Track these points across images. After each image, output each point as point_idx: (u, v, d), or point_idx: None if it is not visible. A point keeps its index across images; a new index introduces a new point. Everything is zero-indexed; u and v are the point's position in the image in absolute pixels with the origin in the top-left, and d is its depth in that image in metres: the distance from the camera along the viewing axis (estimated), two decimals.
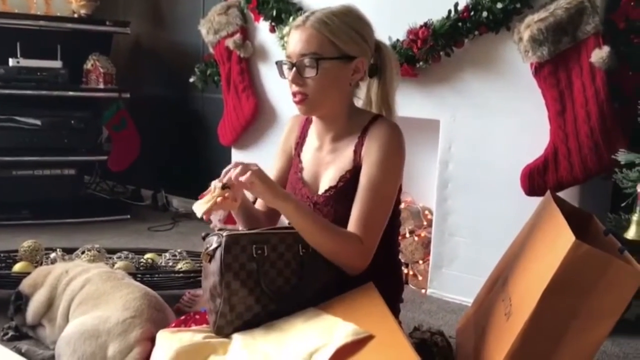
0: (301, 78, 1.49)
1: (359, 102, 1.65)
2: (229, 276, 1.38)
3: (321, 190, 1.59)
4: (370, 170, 1.49)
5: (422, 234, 2.60)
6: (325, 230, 1.45)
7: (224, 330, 1.42)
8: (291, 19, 2.65)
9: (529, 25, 2.03)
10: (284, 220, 1.54)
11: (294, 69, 1.49)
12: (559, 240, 1.38)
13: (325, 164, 1.60)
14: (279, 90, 2.86)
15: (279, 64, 1.54)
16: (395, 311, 1.67)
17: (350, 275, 1.48)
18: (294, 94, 1.53)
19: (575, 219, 1.49)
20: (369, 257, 1.48)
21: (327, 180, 1.58)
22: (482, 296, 1.88)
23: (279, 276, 1.43)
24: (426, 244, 2.58)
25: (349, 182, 1.53)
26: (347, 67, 1.50)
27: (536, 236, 1.62)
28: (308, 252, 1.45)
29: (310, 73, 1.47)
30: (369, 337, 1.25)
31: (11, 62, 3.21)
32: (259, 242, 1.42)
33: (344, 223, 1.48)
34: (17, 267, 2.14)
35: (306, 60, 1.47)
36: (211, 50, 3.06)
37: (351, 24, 1.50)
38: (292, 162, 1.70)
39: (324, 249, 1.46)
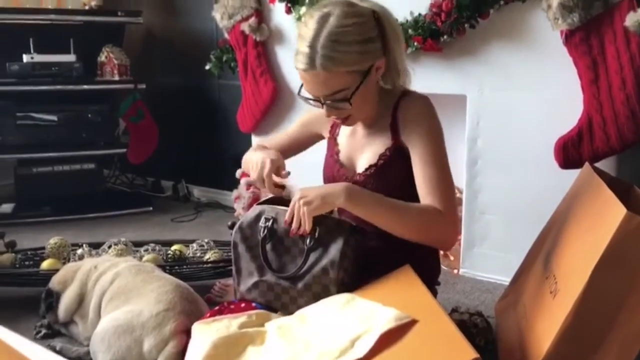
0: (336, 111, 1.47)
1: None
2: (237, 238, 1.49)
3: (360, 170, 1.58)
4: (418, 144, 1.47)
5: None
6: (406, 212, 1.41)
7: (237, 293, 1.51)
8: None
9: None
10: None
11: (325, 106, 1.46)
12: (608, 213, 1.32)
13: (360, 147, 1.60)
14: (297, 73, 2.79)
15: (302, 97, 1.49)
16: (433, 294, 1.64)
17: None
18: (334, 119, 1.53)
19: (616, 189, 1.43)
20: (455, 226, 1.47)
21: (365, 161, 1.57)
22: (521, 274, 1.84)
23: (285, 253, 1.45)
24: None
25: (389, 159, 1.52)
26: (372, 76, 1.46)
27: (579, 210, 1.56)
28: (314, 236, 1.42)
29: (344, 106, 1.45)
30: (413, 322, 1.21)
31: (25, 58, 3.17)
32: (273, 215, 1.47)
33: None
34: (45, 264, 2.13)
35: (335, 98, 1.43)
36: (226, 35, 3.01)
37: (356, 38, 1.39)
38: (327, 145, 1.71)
39: (409, 231, 1.42)
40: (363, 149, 1.59)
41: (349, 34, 1.38)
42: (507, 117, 2.26)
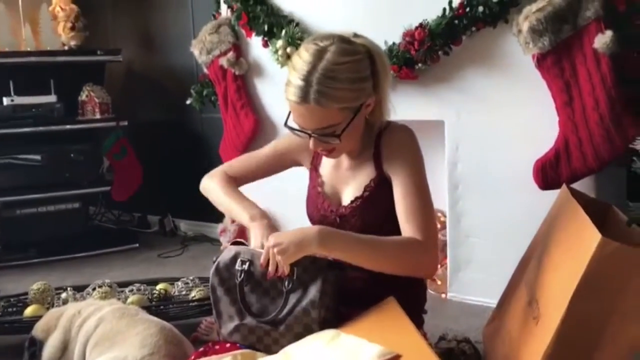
0: (323, 144, 1.46)
1: None
2: (215, 281, 1.45)
3: (346, 202, 1.56)
4: (400, 173, 1.47)
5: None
6: (383, 247, 1.40)
7: (219, 335, 1.47)
8: (283, 32, 2.61)
9: (528, 16, 1.98)
10: None
11: (312, 138, 1.45)
12: (583, 238, 1.33)
13: (344, 179, 1.59)
14: (277, 105, 2.82)
15: (289, 127, 1.48)
16: (420, 322, 1.63)
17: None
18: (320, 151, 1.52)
19: (594, 210, 1.45)
20: (434, 254, 1.44)
21: (350, 193, 1.56)
22: (505, 299, 1.83)
23: (264, 295, 1.43)
24: (441, 248, 2.53)
25: (374, 190, 1.51)
26: (362, 113, 1.46)
27: (557, 235, 1.57)
28: (292, 278, 1.40)
29: (332, 140, 1.44)
30: (397, 358, 1.21)
31: (5, 101, 3.18)
32: (249, 257, 1.44)
33: (373, 231, 1.43)
34: (29, 311, 2.10)
35: (325, 132, 1.42)
36: (205, 70, 3.03)
37: (350, 76, 1.38)
38: (310, 176, 1.68)
39: (388, 266, 1.40)
40: (347, 181, 1.58)
41: (345, 71, 1.37)
42: (485, 141, 2.28)
